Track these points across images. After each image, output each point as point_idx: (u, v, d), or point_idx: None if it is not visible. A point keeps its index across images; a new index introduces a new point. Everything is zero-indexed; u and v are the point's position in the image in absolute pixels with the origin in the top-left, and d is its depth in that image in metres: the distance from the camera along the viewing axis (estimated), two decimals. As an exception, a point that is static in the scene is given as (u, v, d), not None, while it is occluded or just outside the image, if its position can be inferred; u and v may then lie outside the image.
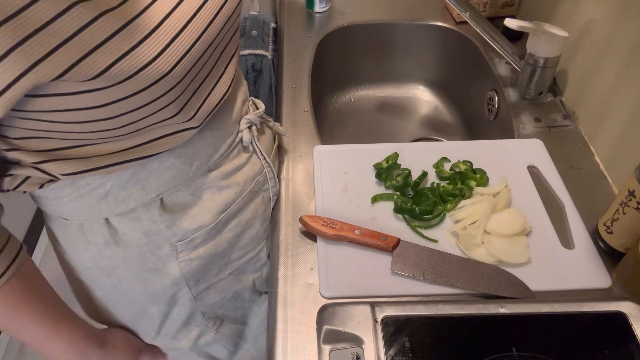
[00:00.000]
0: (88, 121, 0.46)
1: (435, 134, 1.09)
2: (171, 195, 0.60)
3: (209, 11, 0.50)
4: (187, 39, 0.47)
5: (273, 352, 0.56)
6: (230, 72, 0.61)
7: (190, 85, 0.51)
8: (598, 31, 0.78)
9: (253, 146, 0.69)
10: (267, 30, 1.29)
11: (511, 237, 0.64)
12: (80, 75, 0.40)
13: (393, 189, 0.72)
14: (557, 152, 0.78)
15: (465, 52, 1.05)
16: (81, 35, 0.39)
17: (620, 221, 0.61)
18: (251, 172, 0.69)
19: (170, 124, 0.53)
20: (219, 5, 0.52)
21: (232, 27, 0.58)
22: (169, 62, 0.45)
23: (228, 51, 0.59)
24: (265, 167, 0.71)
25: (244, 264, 0.72)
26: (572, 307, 0.57)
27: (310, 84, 0.93)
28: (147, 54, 0.43)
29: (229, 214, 0.66)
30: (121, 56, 0.41)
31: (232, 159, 0.65)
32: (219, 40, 0.54)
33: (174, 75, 0.46)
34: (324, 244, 0.65)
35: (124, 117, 0.47)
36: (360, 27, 1.08)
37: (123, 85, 0.43)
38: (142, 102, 0.46)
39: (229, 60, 0.60)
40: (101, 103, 0.44)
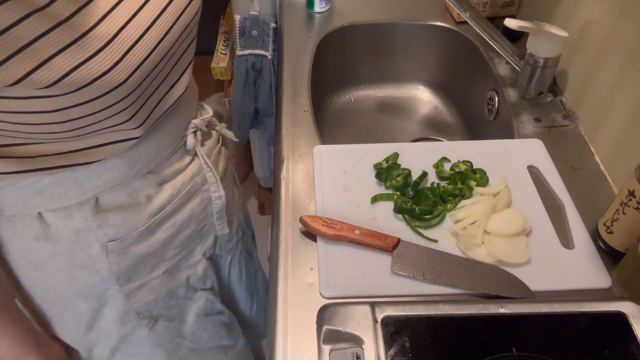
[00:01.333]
0: (39, 123, 0.46)
1: (435, 134, 1.09)
2: (107, 195, 0.60)
3: (165, 22, 0.51)
4: (143, 49, 0.48)
5: (273, 352, 0.56)
6: (185, 80, 0.62)
7: (143, 93, 0.52)
8: (598, 31, 0.78)
9: (196, 150, 0.70)
10: (267, 30, 1.29)
11: (511, 237, 0.64)
12: (35, 84, 0.41)
13: (393, 189, 0.72)
14: (557, 152, 0.78)
15: (465, 52, 1.05)
16: (36, 45, 0.40)
17: (620, 221, 0.61)
18: (189, 174, 0.70)
19: (119, 130, 0.53)
20: (176, 16, 0.53)
21: (188, 36, 0.58)
22: (125, 72, 0.46)
23: (184, 60, 0.60)
24: (205, 170, 0.72)
25: (178, 262, 0.72)
26: (572, 307, 0.57)
27: (310, 84, 0.93)
28: (103, 65, 0.44)
29: (164, 216, 0.66)
30: (76, 66, 0.42)
31: (174, 162, 0.67)
32: (175, 49, 0.55)
33: (128, 84, 0.47)
34: (324, 244, 0.65)
35: (76, 122, 0.47)
36: (360, 27, 1.08)
37: (78, 94, 0.44)
38: (95, 109, 0.47)
39: (185, 69, 0.62)
40: (54, 108, 0.45)
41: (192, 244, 0.74)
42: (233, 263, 0.89)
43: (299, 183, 0.75)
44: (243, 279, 0.94)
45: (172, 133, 0.65)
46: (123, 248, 0.63)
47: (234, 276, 0.91)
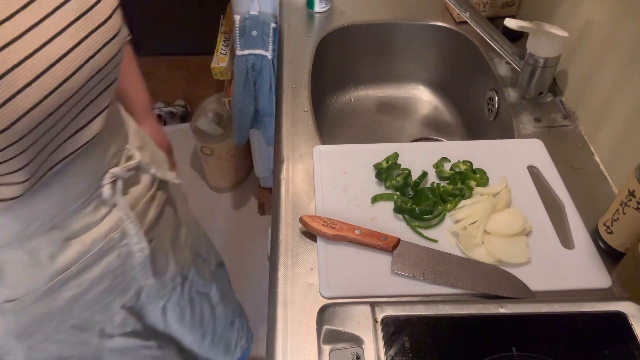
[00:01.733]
0: None
1: (435, 134, 1.09)
2: (3, 252, 0.55)
3: (70, 64, 0.46)
4: (34, 94, 0.43)
5: (273, 352, 0.56)
6: (96, 126, 0.56)
7: (37, 141, 0.46)
8: (598, 31, 0.78)
9: (115, 201, 0.63)
10: (267, 30, 1.29)
11: (511, 237, 0.64)
12: None
13: (393, 189, 0.72)
14: (557, 152, 0.78)
15: (465, 52, 1.05)
16: None
17: (620, 221, 0.61)
18: (104, 229, 0.62)
19: (3, 185, 0.48)
20: (85, 58, 0.48)
21: (104, 80, 0.53)
22: (6, 119, 0.41)
23: (96, 104, 0.54)
24: (126, 222, 0.65)
25: (91, 315, 0.67)
26: (572, 307, 0.57)
27: (310, 84, 0.93)
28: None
29: (69, 275, 0.60)
30: None
31: (85, 215, 0.59)
32: (83, 94, 0.50)
33: (13, 131, 0.42)
34: (324, 244, 0.65)
35: None
36: (360, 27, 1.08)
37: None
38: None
39: (96, 114, 0.55)
40: None
41: (108, 298, 0.68)
42: (170, 307, 0.81)
43: (299, 183, 0.75)
44: (186, 320, 0.86)
45: (83, 184, 0.57)
46: (21, 309, 0.58)
47: (173, 319, 0.83)
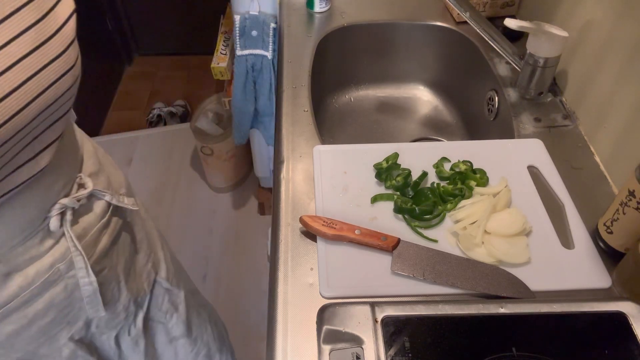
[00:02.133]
0: None
1: (435, 134, 1.09)
2: None
3: (18, 100, 0.44)
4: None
5: (273, 352, 0.56)
6: (44, 159, 0.53)
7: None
8: (598, 31, 0.78)
9: (64, 231, 0.59)
10: (267, 30, 1.29)
11: (511, 237, 0.64)
12: None
13: (393, 189, 0.72)
14: (557, 152, 0.78)
15: (465, 52, 1.05)
16: None
17: (620, 221, 0.61)
18: (49, 259, 0.58)
19: None
20: (35, 93, 0.46)
21: (55, 113, 0.50)
22: None
23: (44, 139, 0.52)
24: (73, 254, 0.60)
25: (36, 348, 0.64)
26: (572, 307, 0.57)
27: (310, 84, 0.93)
28: None
29: (10, 309, 0.57)
30: None
31: (29, 248, 0.56)
32: (30, 129, 0.47)
33: None
34: (324, 244, 0.65)
35: None
36: (360, 27, 1.08)
37: None
38: None
39: (45, 147, 0.52)
40: None
41: (54, 330, 0.64)
42: (123, 337, 0.77)
43: (299, 183, 0.75)
44: (140, 351, 0.81)
45: (28, 217, 0.54)
46: None
47: (127, 349, 0.79)
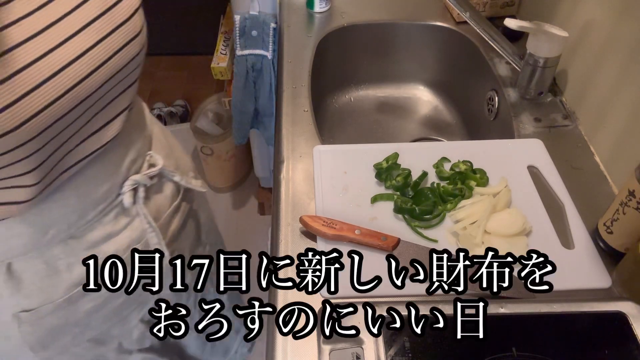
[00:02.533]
0: None
1: (435, 134, 1.09)
2: (20, 262, 0.54)
3: (86, 65, 0.45)
4: (47, 93, 0.42)
5: (273, 352, 0.56)
6: (114, 129, 0.54)
7: (51, 142, 0.45)
8: (598, 31, 0.78)
9: (137, 210, 0.60)
10: (267, 30, 1.29)
11: (511, 237, 0.64)
12: None
13: (393, 189, 0.72)
14: (557, 152, 0.78)
15: (465, 52, 1.05)
16: None
17: (620, 221, 0.61)
18: (126, 240, 0.60)
19: (12, 187, 0.46)
20: (103, 59, 0.47)
21: (122, 81, 0.51)
22: (16, 119, 0.40)
23: (113, 107, 0.53)
24: (149, 233, 0.62)
25: (108, 329, 0.65)
26: (572, 307, 0.57)
27: (310, 84, 0.93)
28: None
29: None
30: None
31: (105, 224, 0.58)
32: (102, 93, 0.49)
33: (23, 132, 0.41)
34: (324, 244, 0.65)
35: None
36: (360, 27, 1.08)
37: None
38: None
39: (115, 116, 0.54)
40: None
41: (126, 311, 0.65)
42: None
43: (299, 183, 0.75)
44: (195, 334, 0.83)
45: (100, 191, 0.55)
46: (37, 319, 0.57)
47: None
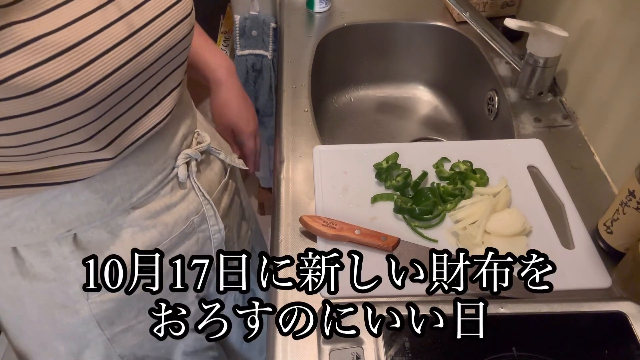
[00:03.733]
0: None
1: (435, 134, 1.09)
2: (86, 232, 0.56)
3: (143, 39, 0.48)
4: (108, 63, 0.45)
5: (273, 352, 0.56)
6: (168, 105, 0.57)
7: (109, 112, 0.48)
8: (598, 31, 0.78)
9: (191, 183, 0.64)
10: (267, 30, 1.29)
11: (511, 237, 0.64)
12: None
13: (393, 189, 0.72)
14: (557, 152, 0.78)
15: (465, 52, 1.05)
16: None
17: (620, 221, 0.61)
18: (185, 212, 0.64)
19: (79, 152, 0.49)
20: (157, 35, 0.50)
21: (174, 60, 0.55)
22: (80, 85, 0.43)
23: (167, 83, 0.56)
24: (204, 206, 0.66)
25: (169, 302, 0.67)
26: (572, 307, 0.57)
27: (310, 84, 0.93)
28: (54, 73, 0.41)
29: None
30: (23, 70, 0.39)
31: (163, 196, 0.61)
32: (155, 70, 0.52)
33: (86, 98, 0.44)
34: (324, 244, 0.65)
35: (25, 136, 0.44)
36: (360, 27, 1.08)
37: (23, 101, 0.41)
38: (45, 122, 0.43)
39: (168, 93, 0.57)
40: (1, 116, 0.42)
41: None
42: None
43: (299, 183, 0.75)
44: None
45: (157, 163, 0.59)
46: (105, 291, 0.58)
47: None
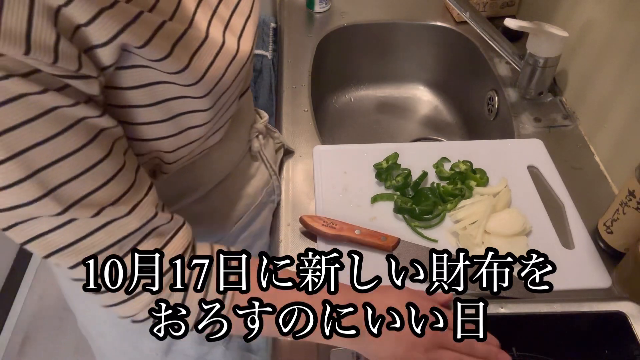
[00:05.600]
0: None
1: (435, 134, 1.09)
2: (182, 209, 0.58)
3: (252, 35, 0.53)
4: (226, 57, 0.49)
5: (273, 352, 0.56)
6: (245, 95, 0.62)
7: (227, 92, 0.52)
8: (598, 31, 0.78)
9: (260, 155, 0.68)
10: (267, 30, 1.29)
11: (511, 237, 0.64)
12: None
13: (393, 189, 0.72)
14: (557, 152, 0.78)
15: (465, 52, 1.05)
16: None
17: (620, 221, 0.61)
18: (260, 183, 0.68)
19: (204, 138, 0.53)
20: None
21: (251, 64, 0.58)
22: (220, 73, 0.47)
23: (246, 81, 0.60)
24: (272, 177, 0.71)
25: None
26: (572, 307, 0.57)
27: (310, 84, 0.93)
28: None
29: (241, 226, 0.65)
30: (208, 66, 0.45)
31: (243, 169, 0.65)
32: (248, 66, 0.56)
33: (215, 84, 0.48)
34: (324, 244, 0.65)
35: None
36: (360, 27, 1.08)
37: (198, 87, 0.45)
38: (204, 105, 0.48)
39: (246, 90, 0.62)
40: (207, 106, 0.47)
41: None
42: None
43: (299, 183, 0.75)
44: None
45: (239, 136, 0.63)
46: None
47: None
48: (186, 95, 0.45)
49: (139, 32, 0.38)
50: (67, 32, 0.35)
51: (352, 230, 0.64)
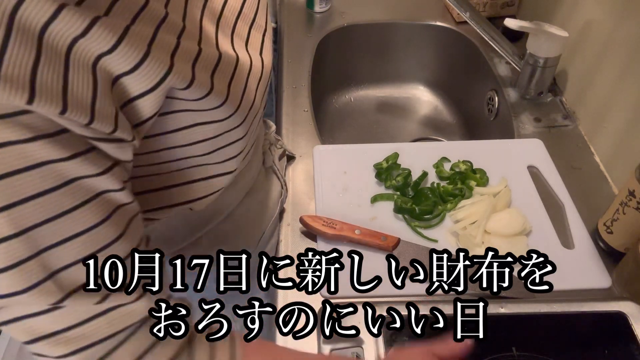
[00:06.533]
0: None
1: (435, 134, 1.09)
2: (210, 232, 0.58)
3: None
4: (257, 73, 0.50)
5: (273, 352, 0.56)
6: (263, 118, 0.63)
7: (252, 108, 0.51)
8: (598, 31, 0.78)
9: (273, 168, 0.68)
10: (267, 30, 1.29)
11: (511, 237, 0.64)
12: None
13: (393, 189, 0.72)
14: (557, 152, 0.78)
15: (465, 52, 1.05)
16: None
17: (620, 221, 0.61)
18: (275, 194, 0.68)
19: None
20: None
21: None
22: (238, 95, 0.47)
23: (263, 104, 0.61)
24: (283, 187, 0.71)
25: None
26: (572, 307, 0.57)
27: (310, 84, 0.93)
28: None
29: (264, 241, 0.65)
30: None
31: (260, 182, 0.64)
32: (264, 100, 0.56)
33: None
34: (324, 244, 0.65)
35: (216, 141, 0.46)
36: (360, 27, 1.08)
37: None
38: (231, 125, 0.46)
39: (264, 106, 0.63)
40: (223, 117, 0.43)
41: None
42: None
43: (299, 183, 0.74)
44: None
45: (256, 152, 0.62)
46: None
47: None
48: (226, 130, 0.43)
49: (181, 70, 0.34)
50: (106, 83, 0.31)
51: (352, 230, 0.64)
